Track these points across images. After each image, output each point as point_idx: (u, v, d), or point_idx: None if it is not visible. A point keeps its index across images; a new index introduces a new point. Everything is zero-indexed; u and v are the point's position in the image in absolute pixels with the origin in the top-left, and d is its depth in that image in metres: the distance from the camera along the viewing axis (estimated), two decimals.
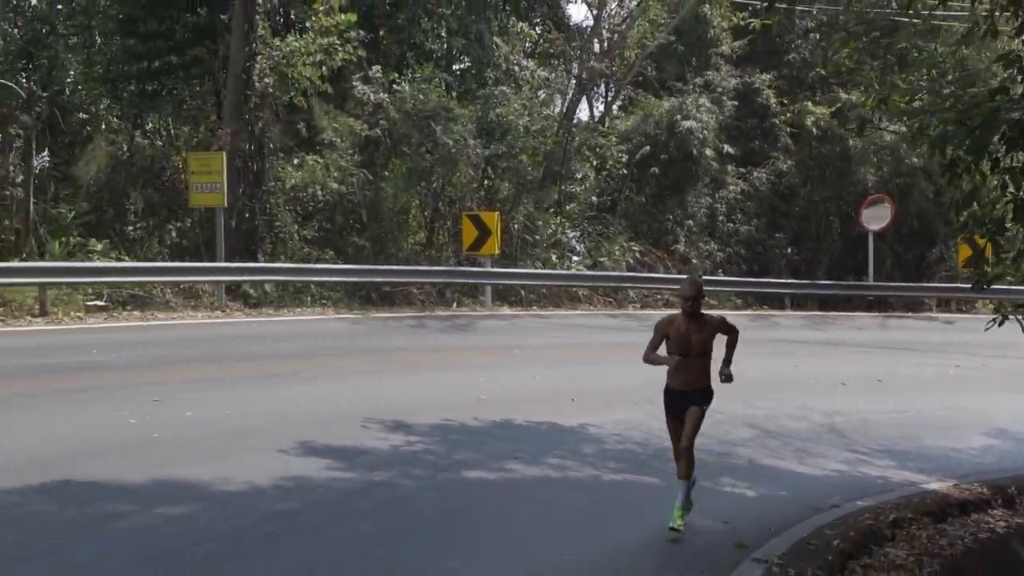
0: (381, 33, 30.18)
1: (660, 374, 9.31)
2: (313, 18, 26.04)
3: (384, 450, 11.03)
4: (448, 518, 9.10)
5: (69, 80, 31.15)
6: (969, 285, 13.04)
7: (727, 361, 9.62)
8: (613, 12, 35.64)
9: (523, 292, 26.75)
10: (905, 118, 12.71)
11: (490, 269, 25.82)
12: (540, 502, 9.98)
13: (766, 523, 9.71)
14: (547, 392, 15.45)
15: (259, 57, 24.74)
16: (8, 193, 24.81)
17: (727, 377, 9.51)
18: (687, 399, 9.49)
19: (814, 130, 32.84)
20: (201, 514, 8.39)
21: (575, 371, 17.23)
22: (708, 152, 31.34)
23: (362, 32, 27.68)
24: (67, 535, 7.66)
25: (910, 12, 11.52)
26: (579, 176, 31.73)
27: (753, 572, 8.09)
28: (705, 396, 9.55)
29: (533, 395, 14.96)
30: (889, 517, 10.59)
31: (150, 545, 7.60)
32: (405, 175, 27.56)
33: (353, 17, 26.44)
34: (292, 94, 25.96)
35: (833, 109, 28.90)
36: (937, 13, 12.86)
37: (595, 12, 34.01)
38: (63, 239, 23.29)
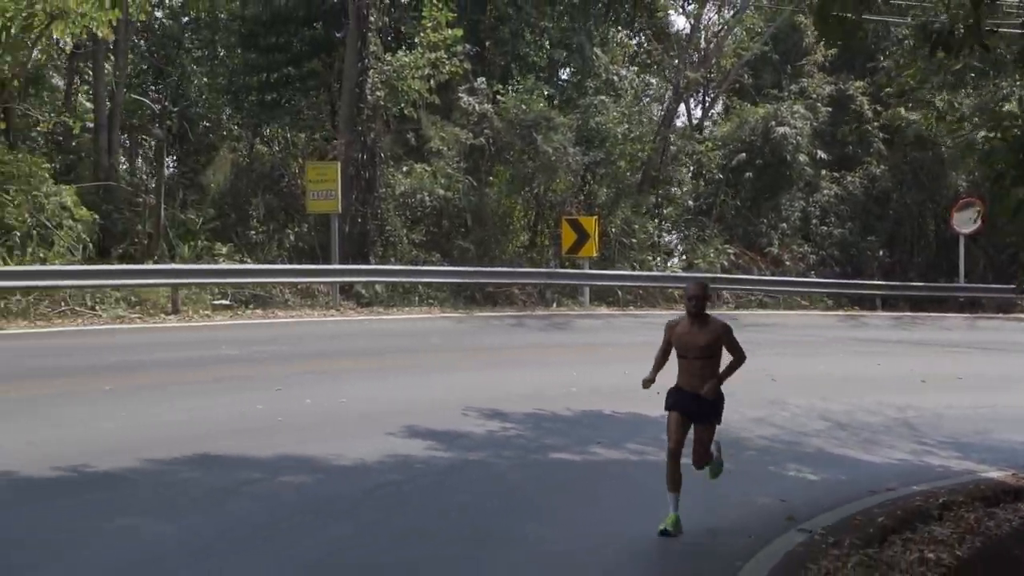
0: (487, 45, 31.55)
1: (749, 369, 9.97)
2: (422, 34, 27.44)
3: (480, 434, 12.25)
4: (534, 492, 10.26)
5: (194, 91, 33.09)
6: None
7: (720, 378, 9.46)
8: (711, 21, 36.56)
9: (620, 293, 27.84)
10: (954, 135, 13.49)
11: (588, 271, 26.99)
12: (616, 479, 11.10)
13: (821, 502, 10.60)
14: (634, 386, 16.53)
15: (371, 71, 26.22)
16: (141, 200, 26.64)
17: (708, 390, 9.30)
18: (697, 402, 9.37)
19: (909, 135, 33.33)
20: (318, 483, 9.71)
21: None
22: (802, 157, 32.07)
23: (468, 46, 29.03)
24: (212, 496, 9.03)
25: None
26: (676, 181, 32.69)
27: (795, 539, 9.10)
28: (715, 408, 9.52)
29: (620, 389, 15.94)
30: (939, 500, 11.29)
31: (276, 506, 8.92)
32: (508, 181, 28.85)
33: (459, 32, 27.77)
34: (402, 106, 27.44)
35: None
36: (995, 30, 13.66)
37: (693, 22, 34.96)
38: (192, 243, 25.06)
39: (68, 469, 9.28)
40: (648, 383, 9.49)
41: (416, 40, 27.40)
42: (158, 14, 32.06)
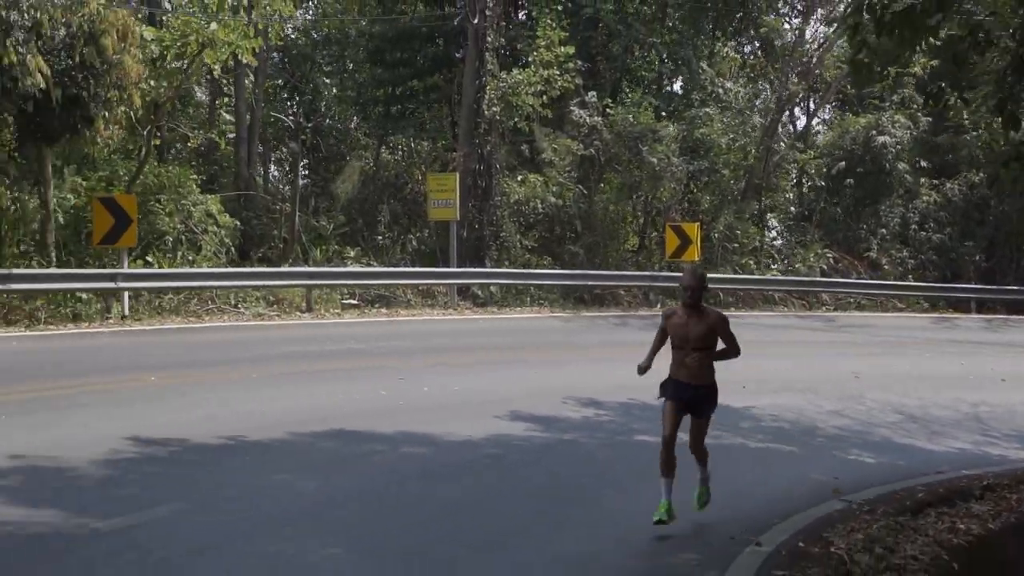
0: (597, 60, 33.14)
1: (836, 367, 10.61)
2: (536, 52, 29.16)
3: (576, 419, 13.83)
4: (618, 466, 11.82)
5: (325, 104, 35.40)
6: None
7: (718, 355, 9.47)
8: (816, 33, 37.59)
9: (720, 295, 29.22)
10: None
11: None
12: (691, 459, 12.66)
13: (871, 481, 11.90)
14: (722, 380, 17.98)
15: (488, 88, 28.00)
16: (277, 207, 28.90)
17: (693, 362, 9.33)
18: (693, 393, 9.39)
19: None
20: (432, 454, 11.43)
21: (751, 363, 19.63)
22: (901, 165, 33.03)
23: (580, 61, 30.66)
24: (346, 461, 10.79)
25: None
26: (779, 188, 33.92)
27: (833, 507, 10.47)
28: (710, 400, 9.54)
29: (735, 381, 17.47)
30: (984, 482, 12.42)
31: (398, 470, 10.64)
32: (616, 189, 30.46)
33: (571, 49, 29.37)
34: (516, 120, 29.22)
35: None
36: None
37: (797, 34, 36.04)
38: (323, 247, 27.21)
39: (229, 438, 11.19)
40: (644, 369, 9.59)
41: (530, 58, 29.16)
42: (292, 34, 34.38)
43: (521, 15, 34.36)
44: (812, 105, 39.09)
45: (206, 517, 8.65)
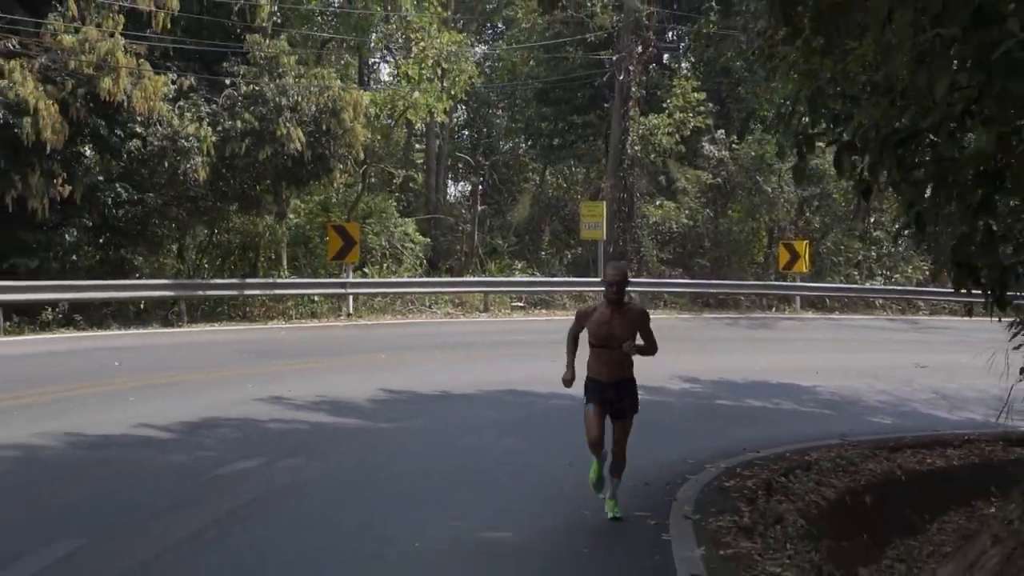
0: (726, 103, 38.32)
1: (902, 359, 13.42)
2: (671, 99, 34.60)
3: (675, 390, 18.77)
4: (699, 420, 16.75)
5: (497, 134, 41.55)
6: None
7: (638, 348, 9.25)
8: None
9: (827, 300, 34.17)
10: None
11: (797, 283, 33.53)
12: (751, 415, 17.89)
13: (874, 432, 16.81)
14: (801, 367, 22.63)
15: (630, 131, 33.63)
16: (460, 228, 35.13)
17: (627, 346, 9.11)
18: (615, 392, 9.28)
19: None
20: (570, 403, 17.02)
21: (832, 356, 24.51)
22: None
23: (711, 104, 35.96)
24: (514, 404, 16.29)
25: None
26: (884, 209, 38.51)
27: (831, 443, 15.44)
28: (632, 399, 9.46)
29: (790, 369, 22.07)
30: (963, 437, 16.49)
31: (547, 410, 16.07)
32: (740, 212, 35.73)
33: (703, 95, 34.73)
34: (653, 155, 34.78)
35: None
36: None
37: None
38: (497, 261, 33.27)
39: (442, 393, 16.98)
40: (570, 382, 9.37)
41: (666, 104, 34.66)
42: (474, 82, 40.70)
43: (664, 59, 39.80)
44: None
45: (440, 425, 14.38)
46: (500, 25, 44.64)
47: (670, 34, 39.11)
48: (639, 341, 9.20)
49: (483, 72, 40.60)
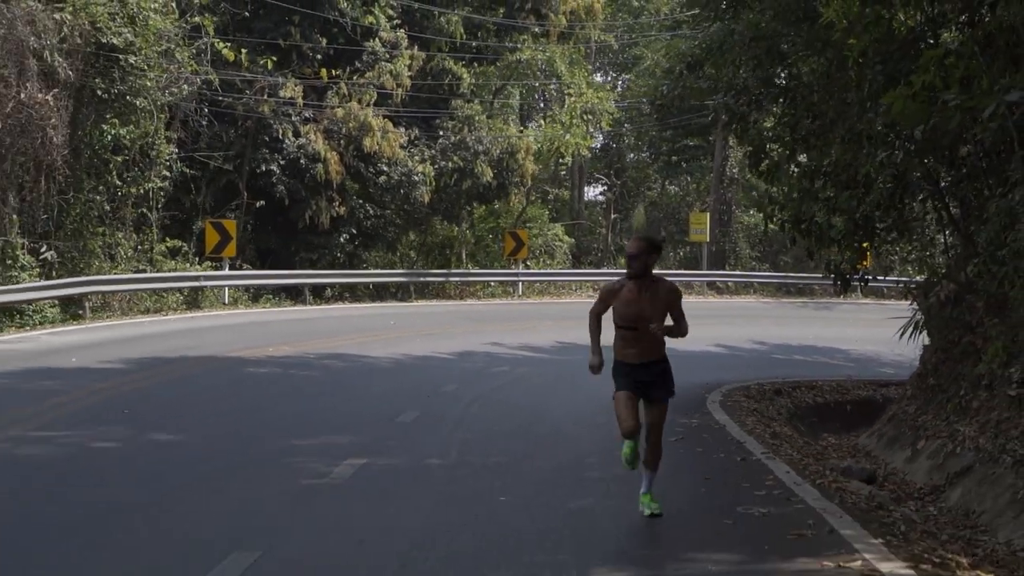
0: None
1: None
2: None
3: (746, 348, 26.93)
4: (756, 365, 25.00)
5: (625, 159, 51.63)
6: None
7: (666, 330, 8.25)
8: None
9: (884, 290, 43.37)
10: None
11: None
12: (793, 364, 27.17)
13: (875, 377, 26.20)
14: (844, 337, 29.09)
15: (730, 156, 43.39)
16: (597, 232, 45.38)
17: (655, 327, 8.13)
18: (647, 374, 8.23)
19: None
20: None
21: (869, 330, 33.34)
22: None
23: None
24: None
25: None
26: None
27: (839, 378, 24.48)
28: (666, 381, 8.40)
29: (835, 338, 27.83)
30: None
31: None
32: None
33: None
34: (749, 177, 44.42)
35: None
36: None
37: None
38: (623, 259, 43.45)
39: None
40: (598, 367, 8.37)
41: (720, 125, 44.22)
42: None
43: None
44: None
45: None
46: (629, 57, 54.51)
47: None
48: (668, 321, 8.30)
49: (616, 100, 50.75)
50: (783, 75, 16.98)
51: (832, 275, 16.70)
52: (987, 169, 12.63)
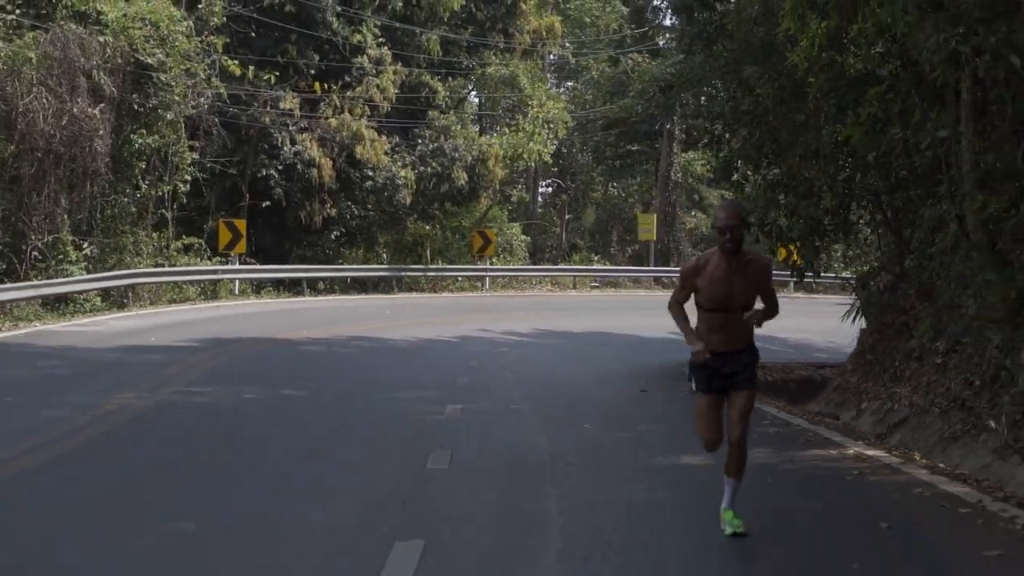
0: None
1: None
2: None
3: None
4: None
5: (575, 164, 55.21)
6: None
7: (763, 317, 7.33)
8: None
9: (813, 285, 47.39)
10: None
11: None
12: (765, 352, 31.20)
13: (807, 360, 30.21)
14: (797, 328, 36.00)
15: (674, 163, 47.19)
16: (552, 231, 48.89)
17: (752, 315, 7.23)
18: (729, 365, 7.23)
19: None
20: (630, 341, 30.52)
21: (803, 321, 37.72)
22: None
23: None
24: (602, 342, 29.93)
25: None
26: None
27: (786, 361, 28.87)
28: (752, 368, 7.40)
29: (787, 328, 35.56)
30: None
31: (605, 339, 29.76)
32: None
33: None
34: (691, 180, 48.35)
35: None
36: None
37: None
38: (578, 254, 46.99)
39: (562, 330, 30.53)
40: (703, 351, 7.19)
41: (700, 143, 48.11)
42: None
43: None
44: None
45: (567, 341, 27.55)
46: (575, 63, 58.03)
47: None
48: (759, 304, 7.34)
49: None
50: (747, 101, 20.16)
51: (791, 270, 19.87)
52: (917, 183, 16.23)
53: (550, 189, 53.89)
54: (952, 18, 10.49)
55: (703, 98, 20.53)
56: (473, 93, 45.68)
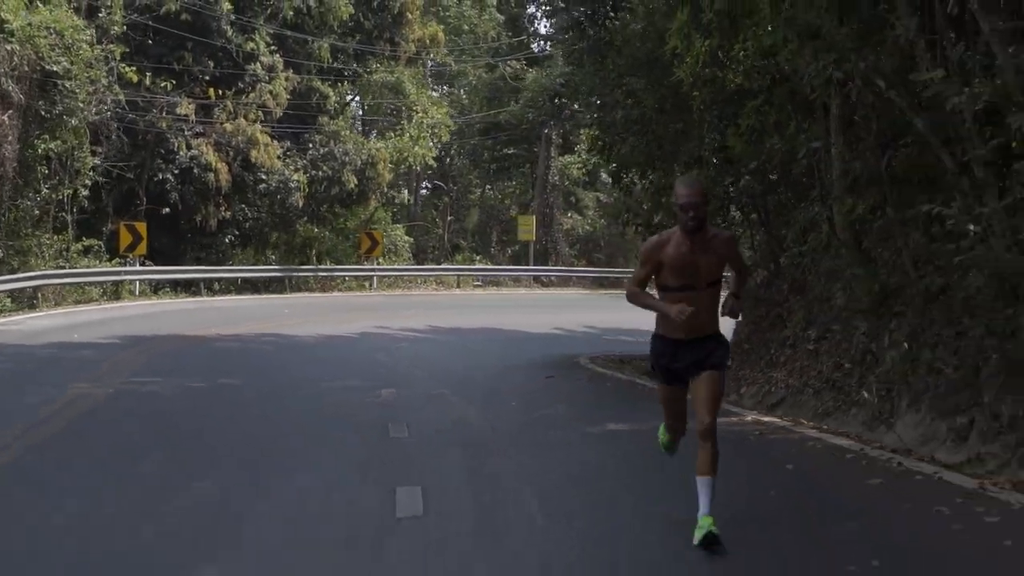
0: None
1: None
2: (580, 144, 49.95)
3: (580, 331, 34.09)
4: (591, 343, 32.20)
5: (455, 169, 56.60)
6: None
7: (737, 288, 7.05)
8: None
9: None
10: None
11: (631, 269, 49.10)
12: (620, 342, 33.05)
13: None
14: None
15: (552, 165, 48.93)
16: (436, 232, 50.21)
17: (730, 309, 6.84)
18: (694, 352, 6.68)
19: None
20: (506, 336, 32.03)
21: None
22: None
23: None
24: (489, 339, 31.28)
25: None
26: None
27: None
28: (722, 348, 6.84)
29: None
30: None
31: (490, 336, 31.21)
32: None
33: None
34: (568, 183, 50.16)
35: None
36: None
37: None
38: (459, 256, 48.37)
39: (452, 327, 31.84)
40: (684, 312, 6.42)
41: (576, 148, 50.06)
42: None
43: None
44: None
45: (458, 338, 28.88)
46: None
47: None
48: (724, 298, 6.90)
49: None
50: (635, 112, 21.61)
51: None
52: (790, 188, 18.03)
53: (426, 192, 55.17)
54: (828, 46, 12.05)
55: (595, 108, 22.06)
56: (357, 99, 46.75)
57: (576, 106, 24.58)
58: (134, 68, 32.44)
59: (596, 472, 9.48)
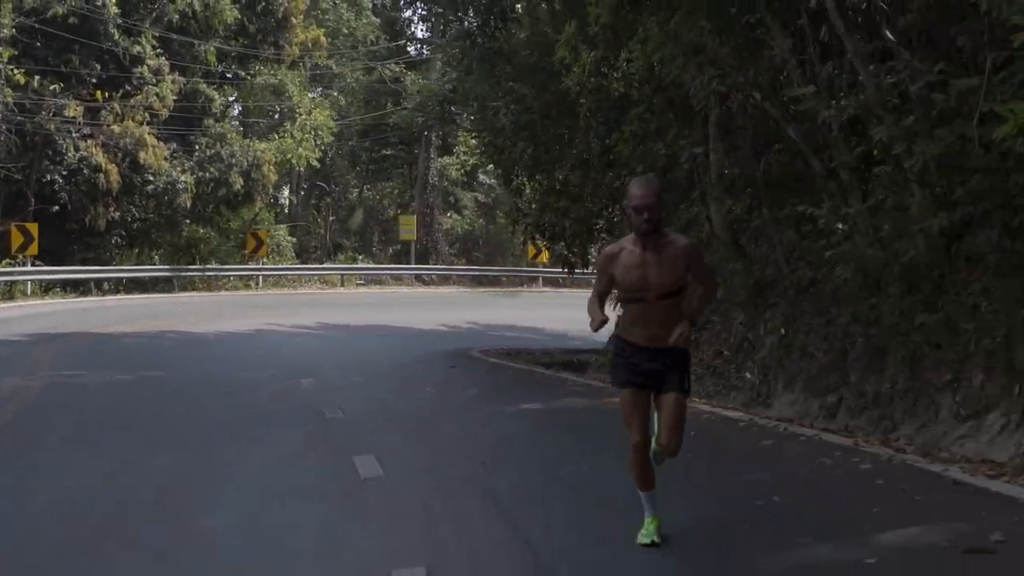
0: None
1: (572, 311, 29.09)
2: (459, 145, 51.12)
3: (464, 327, 35.24)
4: (477, 338, 33.36)
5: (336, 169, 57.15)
6: None
7: (694, 314, 6.51)
8: None
9: (560, 280, 51.26)
10: None
11: (540, 269, 50.59)
12: (503, 336, 34.27)
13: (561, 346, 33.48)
14: (551, 318, 39.34)
15: (432, 166, 49.98)
16: (318, 232, 50.79)
17: (677, 337, 6.18)
18: (656, 363, 6.33)
19: None
20: (396, 337, 33.02)
21: (550, 312, 41.23)
22: None
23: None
24: (384, 333, 32.23)
25: None
26: None
27: (535, 348, 32.05)
28: (681, 371, 6.42)
29: (542, 318, 38.85)
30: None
31: (391, 334, 32.19)
32: (504, 221, 52.61)
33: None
34: (447, 184, 51.25)
35: None
36: None
37: None
38: (344, 253, 49.04)
39: (341, 323, 32.61)
40: (601, 322, 6.26)
41: (455, 149, 51.19)
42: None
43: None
44: None
45: (345, 334, 29.80)
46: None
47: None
48: (683, 323, 6.30)
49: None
50: (524, 118, 22.68)
51: (564, 265, 22.79)
52: (673, 189, 19.45)
53: (303, 192, 55.69)
54: (710, 61, 13.37)
55: (485, 113, 23.14)
56: (239, 102, 47.15)
57: (466, 114, 25.52)
58: (22, 70, 32.53)
59: (523, 437, 10.74)
